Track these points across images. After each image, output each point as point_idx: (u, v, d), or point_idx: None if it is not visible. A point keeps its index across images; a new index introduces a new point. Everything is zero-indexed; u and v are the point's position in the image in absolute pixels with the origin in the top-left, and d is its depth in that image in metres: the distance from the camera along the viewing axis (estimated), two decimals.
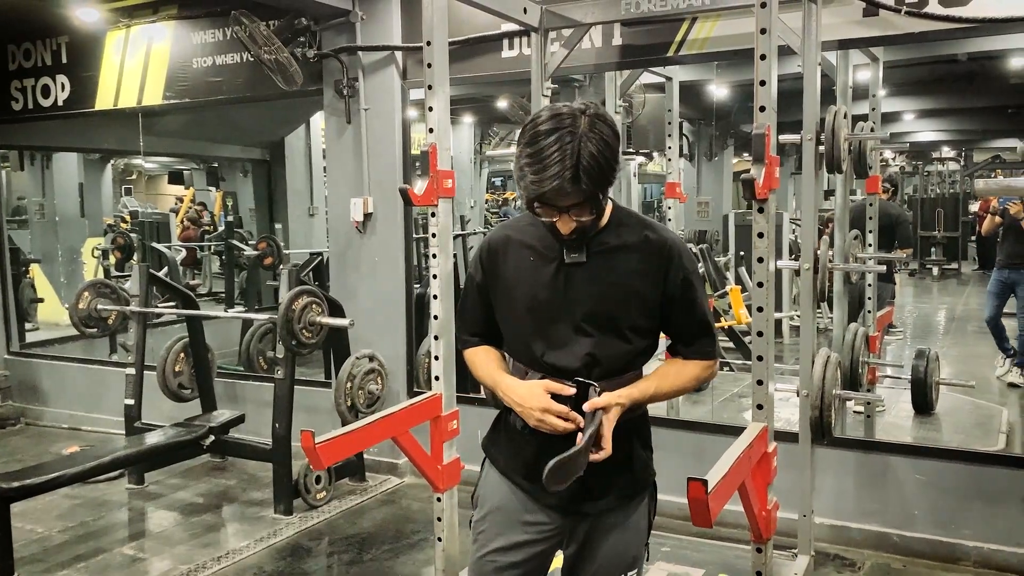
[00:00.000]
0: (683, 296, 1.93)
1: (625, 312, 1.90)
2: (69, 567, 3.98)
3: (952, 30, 3.76)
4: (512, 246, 1.98)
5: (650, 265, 1.91)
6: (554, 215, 1.81)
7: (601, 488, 1.94)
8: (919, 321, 11.21)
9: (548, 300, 1.91)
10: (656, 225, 1.99)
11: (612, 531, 1.99)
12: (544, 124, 1.76)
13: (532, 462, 1.91)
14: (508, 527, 2.02)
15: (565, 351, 1.90)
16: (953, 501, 3.89)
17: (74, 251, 9.96)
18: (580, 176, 1.72)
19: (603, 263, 1.89)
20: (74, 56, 6.20)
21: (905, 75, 9.07)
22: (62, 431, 6.35)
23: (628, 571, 2.02)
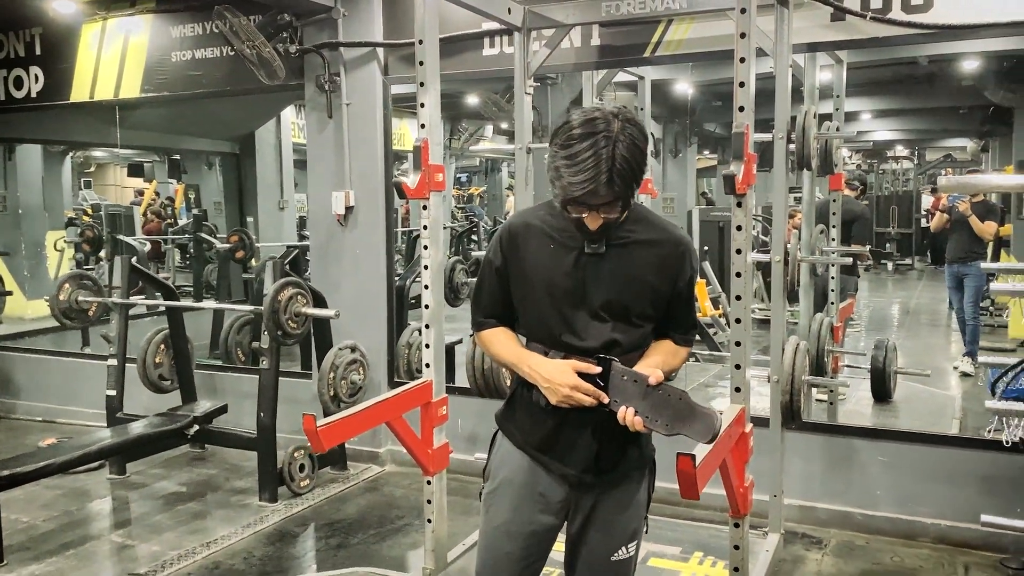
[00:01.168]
0: (687, 291, 2.10)
1: (639, 302, 2.03)
2: (57, 554, 4.03)
3: (914, 35, 3.98)
4: (533, 233, 2.07)
5: (665, 262, 2.04)
6: (583, 212, 1.93)
7: (611, 462, 2.07)
8: (875, 314, 11.55)
9: (567, 286, 2.02)
10: (670, 224, 2.14)
11: (615, 506, 2.12)
12: (578, 128, 1.87)
13: (550, 436, 2.05)
14: (521, 498, 2.13)
15: (582, 335, 2.02)
16: (913, 481, 4.11)
17: (38, 244, 9.86)
18: (615, 179, 1.85)
19: (622, 256, 2.01)
20: (49, 48, 6.18)
21: (862, 76, 9.37)
22: (36, 424, 6.34)
23: (628, 543, 2.14)
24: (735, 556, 3.09)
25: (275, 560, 3.95)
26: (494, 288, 2.15)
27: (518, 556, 2.15)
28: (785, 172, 3.82)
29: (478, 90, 9.41)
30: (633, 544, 2.16)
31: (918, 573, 3.78)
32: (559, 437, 1.99)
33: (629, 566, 2.17)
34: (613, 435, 2.01)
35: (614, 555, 2.13)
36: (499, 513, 2.17)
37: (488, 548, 2.20)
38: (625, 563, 2.15)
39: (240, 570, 3.83)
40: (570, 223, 1.98)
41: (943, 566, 3.83)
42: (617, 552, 2.13)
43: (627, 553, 2.14)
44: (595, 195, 1.87)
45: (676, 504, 4.39)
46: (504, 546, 2.16)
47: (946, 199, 7.84)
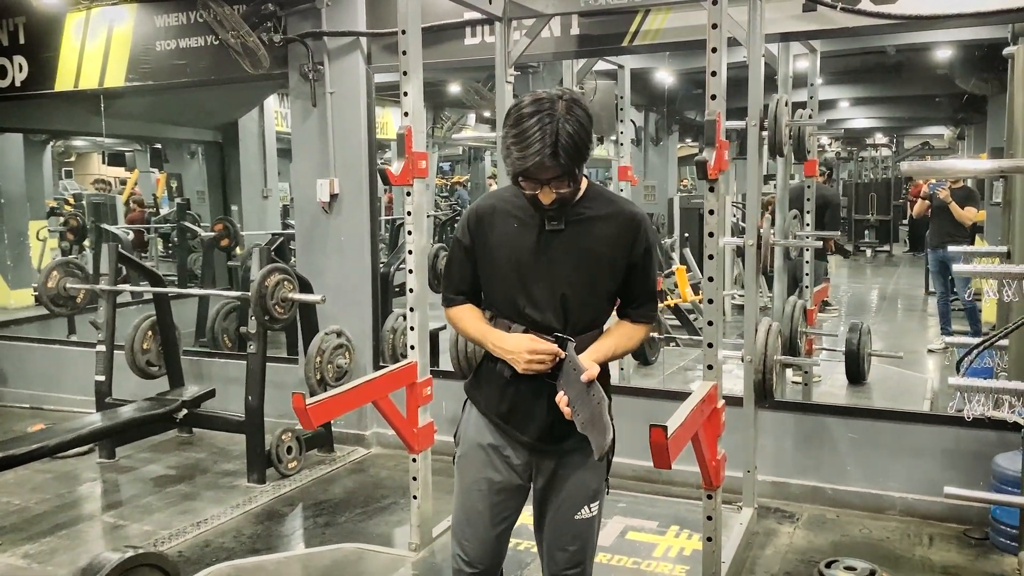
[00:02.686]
0: (643, 264, 2.21)
1: (596, 274, 2.16)
2: (51, 535, 4.11)
3: (883, 25, 4.11)
4: (498, 214, 2.21)
5: (620, 234, 2.17)
6: (536, 188, 2.06)
7: (565, 431, 2.18)
8: (853, 299, 11.75)
9: (530, 262, 2.16)
10: (625, 200, 2.30)
11: (575, 467, 2.25)
12: (527, 108, 2.02)
13: (511, 406, 2.22)
14: (487, 460, 2.28)
15: (544, 307, 2.16)
16: (881, 457, 4.27)
17: (20, 234, 9.86)
18: (559, 153, 1.99)
19: (579, 231, 2.15)
20: (32, 37, 6.21)
21: (841, 64, 9.51)
22: (23, 411, 6.39)
23: (590, 503, 2.28)
24: (708, 526, 3.22)
25: (264, 538, 4.06)
26: (463, 267, 2.29)
27: (488, 513, 2.30)
28: (759, 159, 3.95)
29: (460, 79, 9.48)
30: (595, 504, 2.29)
31: (885, 544, 3.93)
32: (518, 407, 2.17)
33: (592, 524, 2.31)
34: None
35: (577, 514, 2.26)
36: (469, 474, 2.33)
37: (461, 507, 2.35)
38: (588, 521, 2.28)
39: (230, 547, 3.93)
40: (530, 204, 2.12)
41: (909, 537, 3.99)
42: (580, 511, 2.26)
43: (590, 512, 2.28)
44: (542, 168, 2.00)
45: (655, 481, 4.59)
46: (475, 504, 2.31)
47: (926, 186, 7.99)
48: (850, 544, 3.93)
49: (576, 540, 2.28)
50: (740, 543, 3.73)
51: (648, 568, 3.60)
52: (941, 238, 7.34)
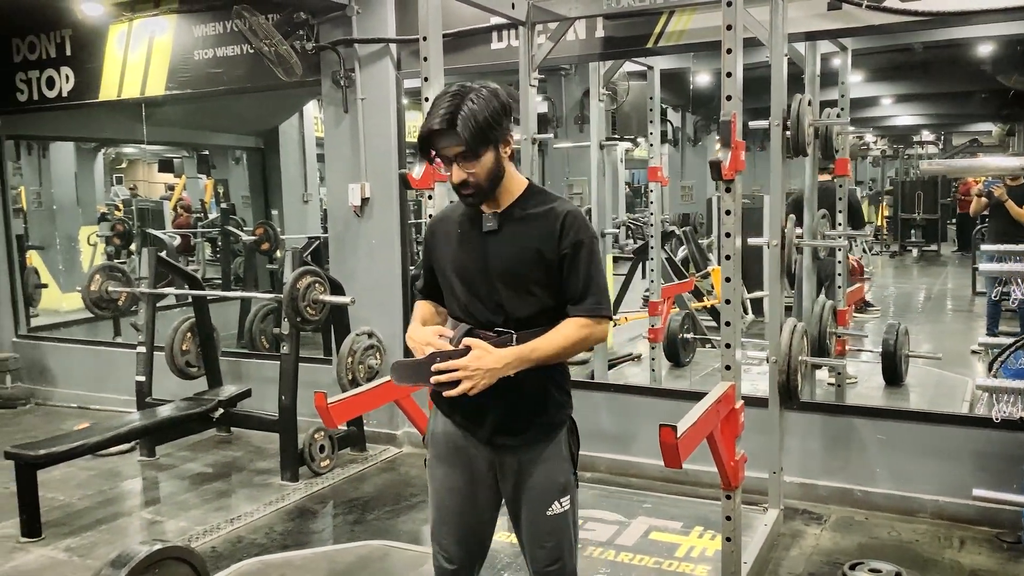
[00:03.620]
0: (573, 257, 2.20)
1: (529, 270, 2.20)
2: (92, 529, 4.27)
3: (910, 22, 4.06)
4: (445, 224, 2.35)
5: (550, 230, 2.20)
6: (449, 168, 2.17)
7: (521, 425, 2.25)
8: (898, 300, 11.55)
9: (471, 264, 2.25)
10: (561, 199, 2.30)
11: (540, 462, 2.28)
12: (446, 90, 2.17)
13: (465, 405, 2.21)
14: (455, 460, 2.35)
15: (485, 306, 2.23)
16: (911, 459, 4.21)
17: (71, 239, 10.19)
18: (456, 122, 2.08)
19: (513, 230, 2.22)
20: (78, 49, 6.43)
21: (881, 61, 9.37)
22: (71, 410, 6.62)
23: (560, 498, 2.29)
24: (727, 527, 3.22)
25: (295, 534, 4.16)
26: (426, 272, 2.43)
27: (462, 512, 2.36)
28: (781, 158, 3.93)
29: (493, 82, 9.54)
30: (566, 499, 2.31)
31: (914, 547, 3.88)
32: (472, 405, 2.19)
33: (565, 519, 2.31)
34: (519, 402, 2.22)
35: (548, 510, 2.28)
36: (439, 476, 2.39)
37: (437, 508, 2.41)
38: (561, 516, 2.30)
39: (262, 544, 4.04)
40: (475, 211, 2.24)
41: (939, 540, 3.93)
42: (551, 507, 2.28)
43: (561, 508, 2.29)
44: (441, 137, 2.11)
45: (682, 482, 4.59)
46: (449, 504, 2.37)
47: (980, 184, 7.81)
48: (878, 546, 3.89)
49: (551, 536, 2.31)
50: (764, 544, 3.73)
51: (670, 568, 3.61)
52: (997, 237, 7.16)
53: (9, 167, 7.76)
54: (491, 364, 2.11)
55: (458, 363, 2.11)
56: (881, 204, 17.11)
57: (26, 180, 10.04)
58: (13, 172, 9.64)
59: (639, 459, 4.76)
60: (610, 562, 3.66)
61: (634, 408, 4.93)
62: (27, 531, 4.12)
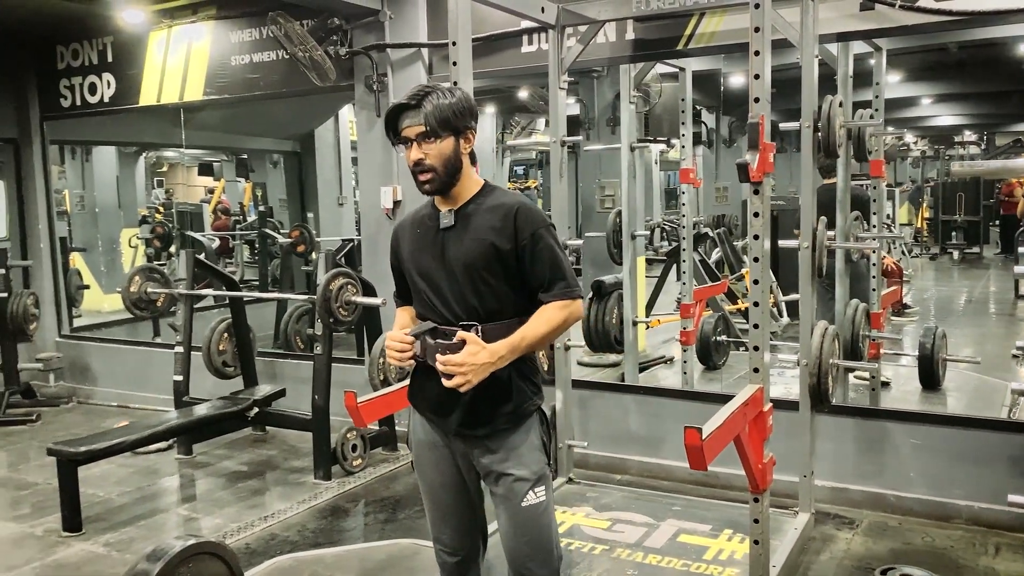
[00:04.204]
0: (533, 248, 2.28)
1: (486, 263, 2.28)
2: (130, 525, 4.37)
3: (946, 22, 4.01)
4: (407, 229, 2.45)
5: (503, 223, 2.28)
6: (409, 147, 2.27)
7: (487, 415, 2.32)
8: (938, 303, 11.37)
9: (431, 262, 2.34)
10: (513, 194, 2.43)
11: (507, 454, 2.33)
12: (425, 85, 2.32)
13: (434, 399, 2.36)
14: (434, 456, 2.43)
15: (447, 301, 2.31)
16: (946, 463, 4.16)
17: (113, 241, 10.42)
18: (423, 104, 2.23)
19: (467, 225, 2.31)
20: (119, 55, 6.59)
21: (920, 61, 9.23)
22: (112, 408, 6.77)
23: (535, 488, 2.34)
24: (755, 529, 3.21)
25: (326, 532, 4.22)
26: (397, 278, 2.53)
27: (452, 505, 2.45)
28: (812, 160, 3.90)
29: (527, 84, 9.57)
30: (541, 488, 2.35)
31: (948, 553, 3.83)
32: (439, 399, 2.31)
33: (540, 509, 2.35)
34: (483, 392, 2.26)
35: (524, 501, 2.33)
36: (424, 473, 2.48)
37: (429, 504, 2.50)
38: (537, 507, 2.34)
39: (294, 541, 4.11)
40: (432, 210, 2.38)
41: (974, 546, 3.88)
42: (526, 497, 2.33)
43: (536, 498, 2.34)
44: (407, 113, 2.25)
45: (713, 485, 4.58)
46: (439, 499, 2.46)
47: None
48: (911, 552, 3.85)
49: (528, 529, 2.35)
50: (794, 548, 3.71)
51: (698, 570, 3.60)
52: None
53: (54, 171, 7.97)
54: (485, 359, 2.20)
55: (455, 358, 2.18)
56: (922, 205, 16.85)
57: (70, 184, 10.30)
58: (59, 176, 9.95)
59: (669, 462, 4.75)
60: (638, 564, 3.66)
61: (664, 411, 4.92)
62: (68, 526, 4.23)
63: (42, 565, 3.92)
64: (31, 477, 5.13)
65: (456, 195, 2.33)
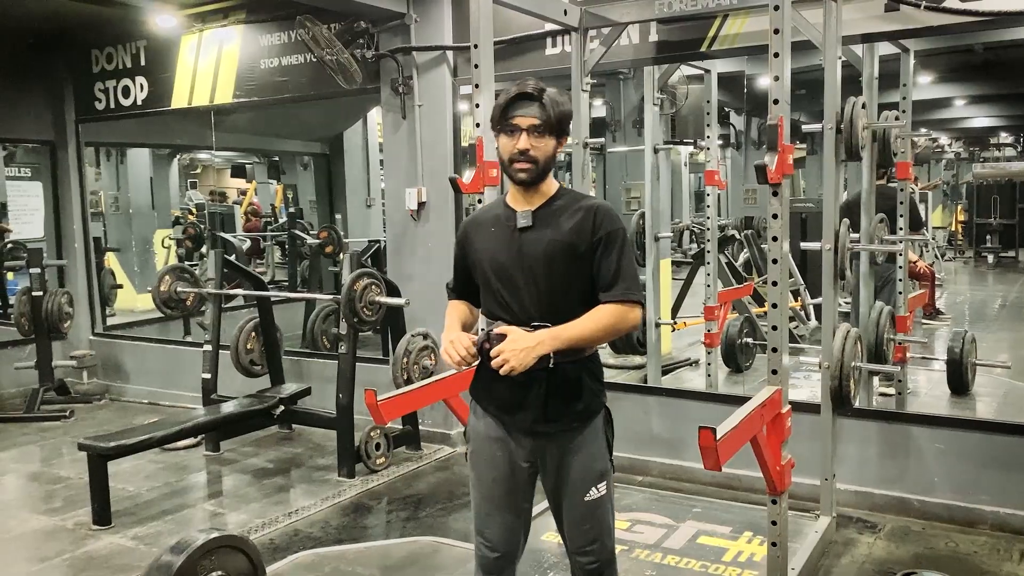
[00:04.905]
0: (606, 246, 2.32)
1: (563, 264, 2.32)
2: (158, 519, 4.45)
3: (971, 23, 3.98)
4: (481, 225, 2.47)
5: (581, 223, 2.32)
6: (516, 138, 2.28)
7: (557, 413, 2.35)
8: (971, 308, 11.21)
9: (506, 260, 2.36)
10: (590, 196, 2.47)
11: (578, 451, 2.38)
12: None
13: (506, 396, 2.38)
14: (495, 451, 2.45)
15: (521, 299, 2.34)
16: (971, 468, 4.11)
17: (146, 241, 10.60)
18: (544, 98, 2.27)
19: (546, 225, 2.34)
20: (152, 59, 6.71)
21: (953, 61, 9.11)
22: (143, 405, 6.90)
23: (598, 483, 2.40)
24: (772, 531, 3.21)
25: (349, 529, 4.27)
26: (457, 271, 2.56)
27: (503, 501, 2.47)
28: (835, 162, 3.89)
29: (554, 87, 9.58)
30: (603, 484, 2.41)
31: (971, 558, 3.79)
32: (513, 397, 2.35)
33: (602, 503, 2.42)
34: (555, 391, 2.32)
35: (587, 496, 2.39)
36: (481, 467, 2.49)
37: (479, 497, 2.51)
38: (598, 501, 2.40)
39: (317, 537, 4.16)
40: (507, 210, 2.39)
41: (998, 552, 3.83)
42: (588, 492, 2.39)
43: (598, 492, 2.40)
44: (524, 103, 2.27)
45: (735, 488, 4.57)
46: (491, 494, 2.47)
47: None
48: (933, 557, 3.81)
49: (589, 520, 2.41)
50: (814, 551, 3.69)
51: (716, 572, 3.60)
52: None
53: (90, 173, 8.14)
54: (526, 343, 2.22)
55: (497, 348, 2.22)
56: (957, 208, 16.61)
57: (104, 185, 10.49)
58: (95, 178, 10.15)
59: (691, 464, 4.74)
60: (656, 564, 3.67)
61: (686, 413, 4.91)
62: (98, 519, 4.33)
63: (72, 557, 4.01)
64: (64, 472, 5.25)
65: (537, 195, 2.37)
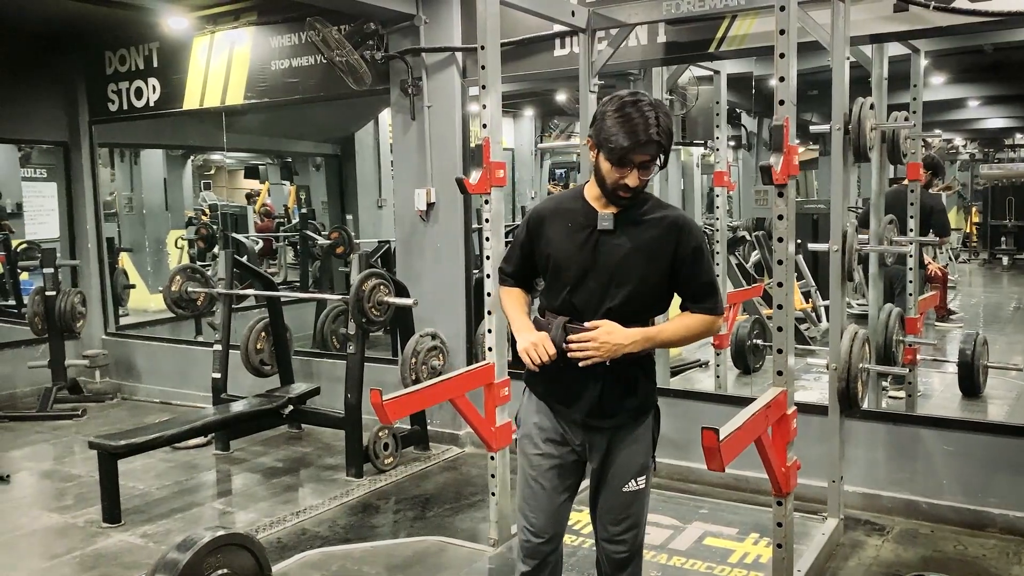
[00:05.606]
0: (693, 263, 2.38)
1: (643, 272, 2.36)
2: (167, 517, 4.49)
3: (980, 23, 3.95)
4: (557, 215, 2.47)
5: (666, 236, 2.36)
6: (626, 173, 2.28)
7: (613, 408, 2.44)
8: (986, 310, 11.12)
9: (584, 259, 2.39)
10: (671, 206, 2.47)
11: (625, 443, 2.48)
12: (628, 98, 2.30)
13: (563, 389, 2.48)
14: (545, 439, 2.54)
15: (590, 299, 2.38)
16: (980, 471, 4.09)
17: (160, 242, 10.67)
18: (660, 136, 2.26)
19: (629, 232, 2.37)
20: (164, 61, 6.76)
21: (967, 62, 9.05)
22: (154, 404, 6.94)
23: (638, 476, 2.49)
24: (778, 532, 3.20)
25: (356, 528, 4.29)
26: (519, 256, 2.58)
27: (550, 487, 2.55)
28: (843, 162, 3.88)
29: (565, 87, 9.59)
30: (642, 478, 2.51)
31: (979, 561, 3.77)
32: (570, 389, 2.44)
33: (639, 496, 2.52)
34: (612, 387, 2.42)
35: (626, 486, 2.49)
36: (530, 453, 2.58)
37: (525, 482, 2.59)
38: (636, 493, 2.50)
39: (325, 536, 4.19)
40: (586, 205, 2.41)
41: (1007, 555, 3.81)
42: (628, 484, 2.48)
43: (637, 485, 2.49)
44: (641, 148, 2.25)
45: (742, 489, 4.56)
46: (538, 479, 2.55)
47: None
48: (941, 560, 3.80)
49: (624, 510, 2.50)
50: (821, 553, 3.68)
51: (722, 573, 3.60)
52: None
53: (105, 174, 8.20)
54: (619, 340, 2.32)
55: (590, 334, 2.31)
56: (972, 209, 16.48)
57: (119, 186, 10.56)
58: (111, 178, 10.23)
59: (698, 465, 4.68)
60: (662, 566, 3.67)
61: (694, 414, 4.89)
62: (108, 517, 4.36)
63: (83, 554, 4.04)
64: (75, 470, 5.30)
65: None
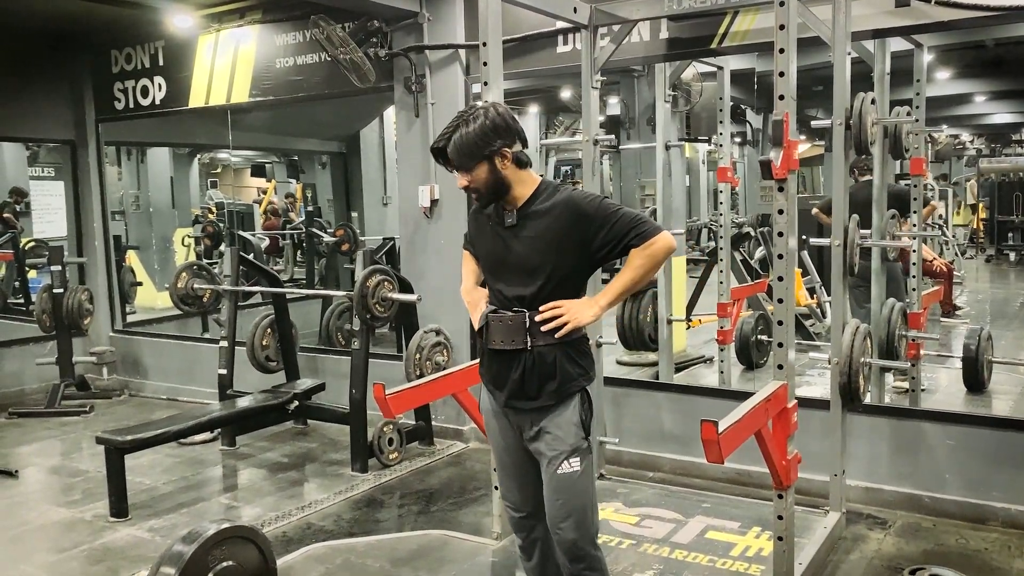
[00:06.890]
0: (601, 223, 2.49)
1: (545, 258, 2.53)
2: (174, 512, 4.53)
3: (985, 18, 3.95)
4: (480, 217, 2.69)
5: (562, 220, 2.51)
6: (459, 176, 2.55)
7: (534, 391, 2.58)
8: (992, 306, 11.10)
9: (496, 253, 2.63)
10: (561, 189, 2.60)
11: (550, 426, 2.59)
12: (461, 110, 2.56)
13: (493, 372, 2.67)
14: (497, 424, 2.75)
15: (505, 289, 2.60)
16: (982, 465, 4.10)
17: (166, 239, 10.72)
18: (446, 149, 2.51)
19: (527, 224, 2.56)
20: (170, 59, 6.80)
21: (972, 57, 9.03)
22: (161, 401, 6.99)
23: (571, 459, 2.57)
24: (779, 526, 3.22)
25: (361, 522, 4.32)
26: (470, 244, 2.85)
27: (515, 468, 2.75)
28: (844, 157, 3.89)
29: (570, 84, 9.60)
30: (576, 459, 2.58)
31: (981, 555, 3.78)
32: (499, 374, 2.64)
33: (576, 479, 2.58)
34: (531, 370, 2.57)
35: (559, 469, 2.57)
36: (492, 438, 2.81)
37: (497, 465, 2.86)
38: (570, 476, 2.57)
39: (329, 530, 4.22)
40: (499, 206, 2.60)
41: (1009, 549, 3.82)
42: (562, 466, 2.57)
43: (570, 468, 2.57)
44: (439, 156, 2.56)
45: (745, 484, 4.58)
46: (505, 460, 2.77)
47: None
48: (943, 553, 3.81)
49: (562, 494, 2.57)
50: (822, 546, 3.69)
51: (724, 567, 3.62)
52: None
53: (112, 172, 8.24)
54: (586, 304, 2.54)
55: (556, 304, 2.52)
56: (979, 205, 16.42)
57: (126, 184, 10.61)
58: (117, 177, 10.28)
59: (701, 460, 4.64)
60: (664, 559, 3.69)
61: (697, 409, 4.91)
62: (115, 511, 4.41)
63: (90, 548, 4.08)
64: (83, 465, 5.34)
65: (514, 199, 2.56)
